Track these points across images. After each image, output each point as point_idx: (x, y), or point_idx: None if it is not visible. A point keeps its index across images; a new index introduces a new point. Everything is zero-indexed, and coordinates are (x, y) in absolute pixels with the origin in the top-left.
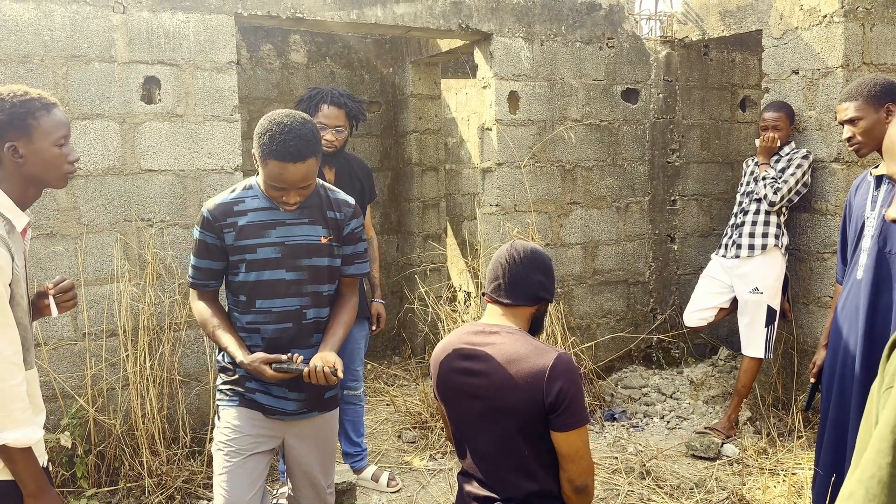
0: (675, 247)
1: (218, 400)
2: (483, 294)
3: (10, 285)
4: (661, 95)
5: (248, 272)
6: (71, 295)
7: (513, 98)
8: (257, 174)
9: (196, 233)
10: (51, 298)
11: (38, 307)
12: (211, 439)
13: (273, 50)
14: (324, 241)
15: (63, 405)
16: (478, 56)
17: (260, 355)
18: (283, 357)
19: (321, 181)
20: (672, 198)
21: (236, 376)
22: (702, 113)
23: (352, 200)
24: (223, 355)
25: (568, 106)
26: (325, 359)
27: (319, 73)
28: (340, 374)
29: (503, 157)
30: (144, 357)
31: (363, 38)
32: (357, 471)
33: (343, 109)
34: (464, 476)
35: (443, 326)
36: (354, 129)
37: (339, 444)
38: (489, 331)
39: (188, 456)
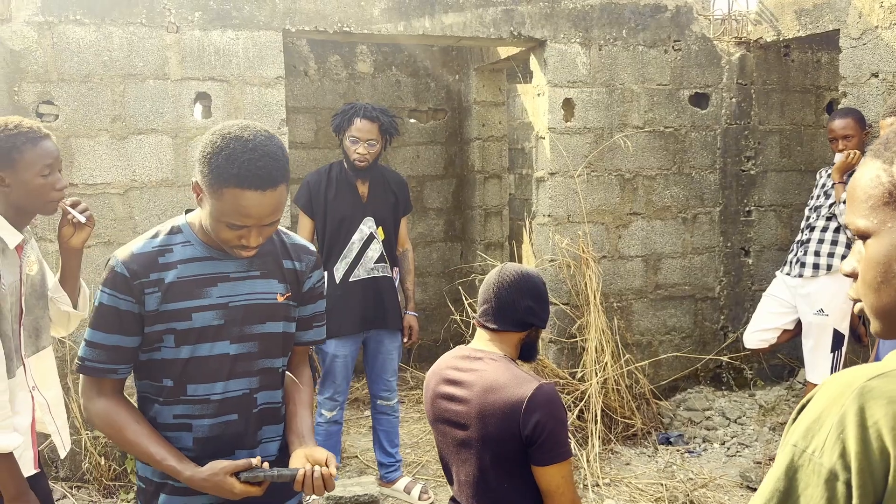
0: (750, 260)
1: None
2: (473, 318)
3: None
4: (734, 100)
5: (179, 346)
6: (85, 206)
7: (567, 105)
8: (186, 213)
9: (102, 296)
10: (73, 211)
11: (64, 230)
12: None
13: (340, 60)
14: (280, 299)
15: None
16: (532, 63)
17: (223, 464)
18: (254, 461)
19: None
20: (747, 208)
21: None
22: (781, 118)
23: (312, 247)
24: (145, 469)
25: (628, 112)
26: (314, 457)
27: (385, 82)
28: (335, 472)
29: (556, 166)
30: None
31: (429, 47)
32: (390, 482)
33: (376, 123)
34: (453, 503)
35: None
36: (388, 143)
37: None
38: (474, 356)
39: None
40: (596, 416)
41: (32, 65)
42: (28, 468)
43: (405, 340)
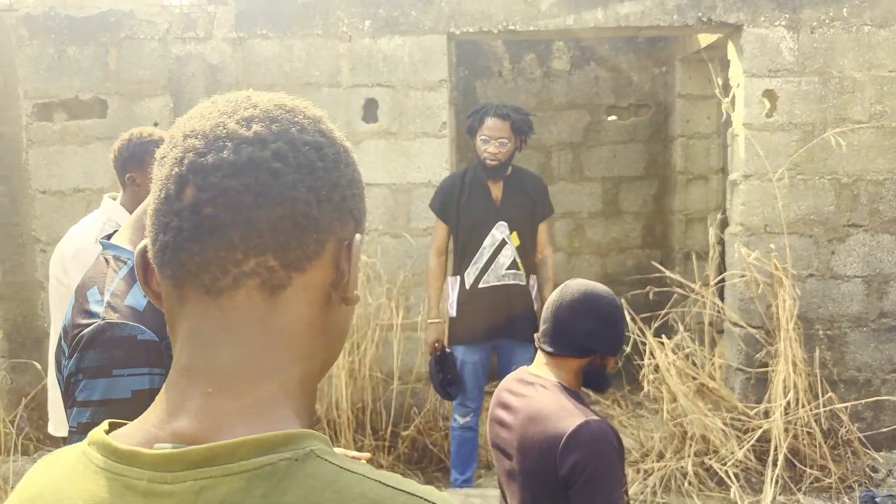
0: None
1: None
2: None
3: None
4: None
5: None
6: None
7: (770, 98)
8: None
9: (133, 381)
10: None
11: None
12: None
13: (535, 59)
14: None
15: None
16: (729, 51)
17: None
18: None
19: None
20: None
21: None
22: None
23: None
24: None
25: (848, 105)
26: None
27: (582, 78)
28: None
29: (752, 167)
30: (353, 353)
31: (632, 39)
32: None
33: (507, 121)
34: None
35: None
36: (523, 143)
37: None
38: (528, 381)
39: (383, 448)
40: (777, 459)
41: (226, 77)
42: None
43: None
